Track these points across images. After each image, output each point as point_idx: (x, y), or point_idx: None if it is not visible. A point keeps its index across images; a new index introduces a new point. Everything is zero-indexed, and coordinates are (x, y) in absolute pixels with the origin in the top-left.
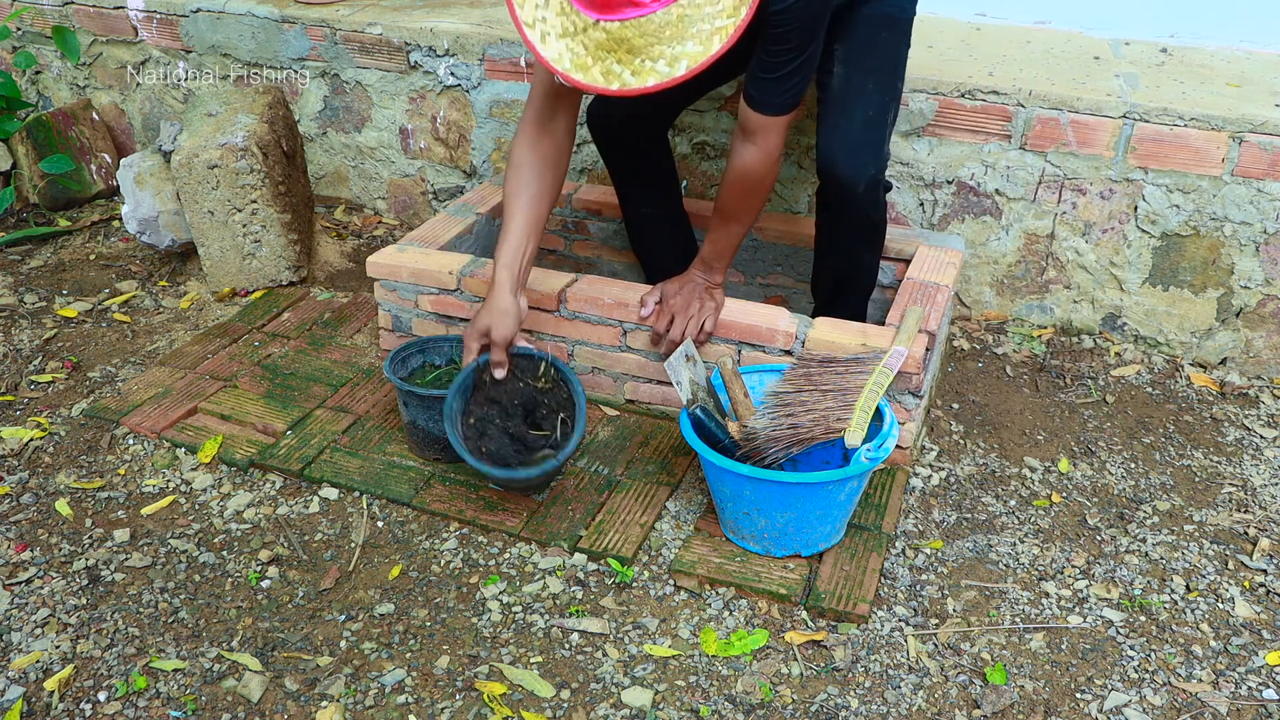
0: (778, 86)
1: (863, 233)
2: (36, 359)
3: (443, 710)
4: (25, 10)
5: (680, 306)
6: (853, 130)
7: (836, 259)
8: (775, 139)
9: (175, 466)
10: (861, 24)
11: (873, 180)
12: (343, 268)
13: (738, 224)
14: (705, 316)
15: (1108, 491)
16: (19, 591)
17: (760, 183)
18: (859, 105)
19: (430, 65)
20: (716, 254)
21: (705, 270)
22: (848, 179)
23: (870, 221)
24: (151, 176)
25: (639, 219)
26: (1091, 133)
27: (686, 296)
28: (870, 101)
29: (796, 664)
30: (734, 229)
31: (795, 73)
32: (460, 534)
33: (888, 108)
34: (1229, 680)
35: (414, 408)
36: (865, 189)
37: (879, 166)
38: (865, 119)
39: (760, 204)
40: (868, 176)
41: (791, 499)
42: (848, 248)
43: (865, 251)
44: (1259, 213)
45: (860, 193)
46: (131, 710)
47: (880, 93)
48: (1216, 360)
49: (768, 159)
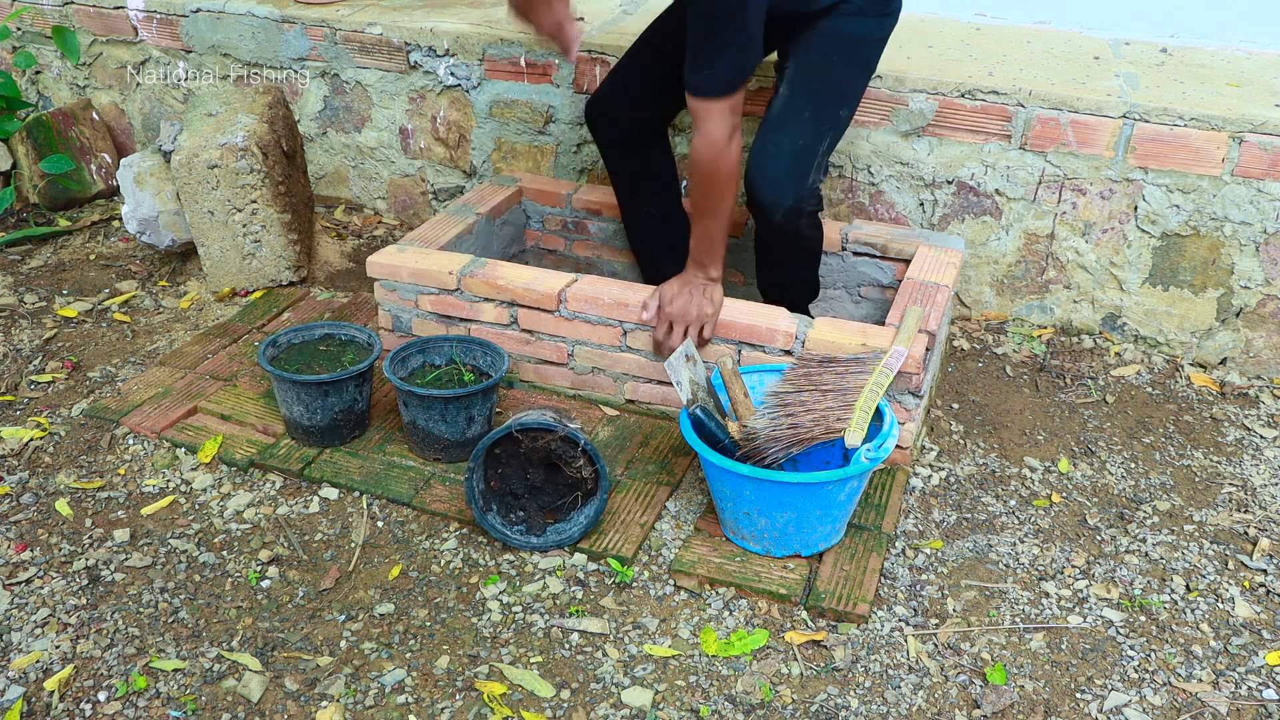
0: (703, 68)
1: (786, 252)
2: (36, 359)
3: (443, 710)
4: (25, 10)
5: (679, 312)
6: (779, 158)
7: (768, 269)
8: (716, 124)
9: (175, 466)
10: (817, 41)
11: (791, 210)
12: (343, 268)
13: (708, 217)
14: (704, 321)
15: (1108, 491)
16: (19, 591)
17: (711, 172)
18: (790, 132)
19: (430, 65)
20: (700, 250)
21: (699, 268)
22: (766, 205)
23: (792, 244)
24: (151, 176)
25: (638, 219)
26: (1091, 133)
27: (684, 301)
28: (804, 130)
29: (796, 664)
30: (706, 223)
31: (720, 55)
32: (460, 534)
33: (822, 137)
34: (1229, 680)
35: (414, 408)
36: (782, 217)
37: (799, 196)
38: (794, 148)
39: (721, 193)
40: (785, 206)
41: (791, 499)
42: (776, 262)
43: (792, 267)
44: (1259, 213)
45: (777, 220)
46: (131, 710)
47: (816, 122)
48: (1216, 360)
49: (710, 146)
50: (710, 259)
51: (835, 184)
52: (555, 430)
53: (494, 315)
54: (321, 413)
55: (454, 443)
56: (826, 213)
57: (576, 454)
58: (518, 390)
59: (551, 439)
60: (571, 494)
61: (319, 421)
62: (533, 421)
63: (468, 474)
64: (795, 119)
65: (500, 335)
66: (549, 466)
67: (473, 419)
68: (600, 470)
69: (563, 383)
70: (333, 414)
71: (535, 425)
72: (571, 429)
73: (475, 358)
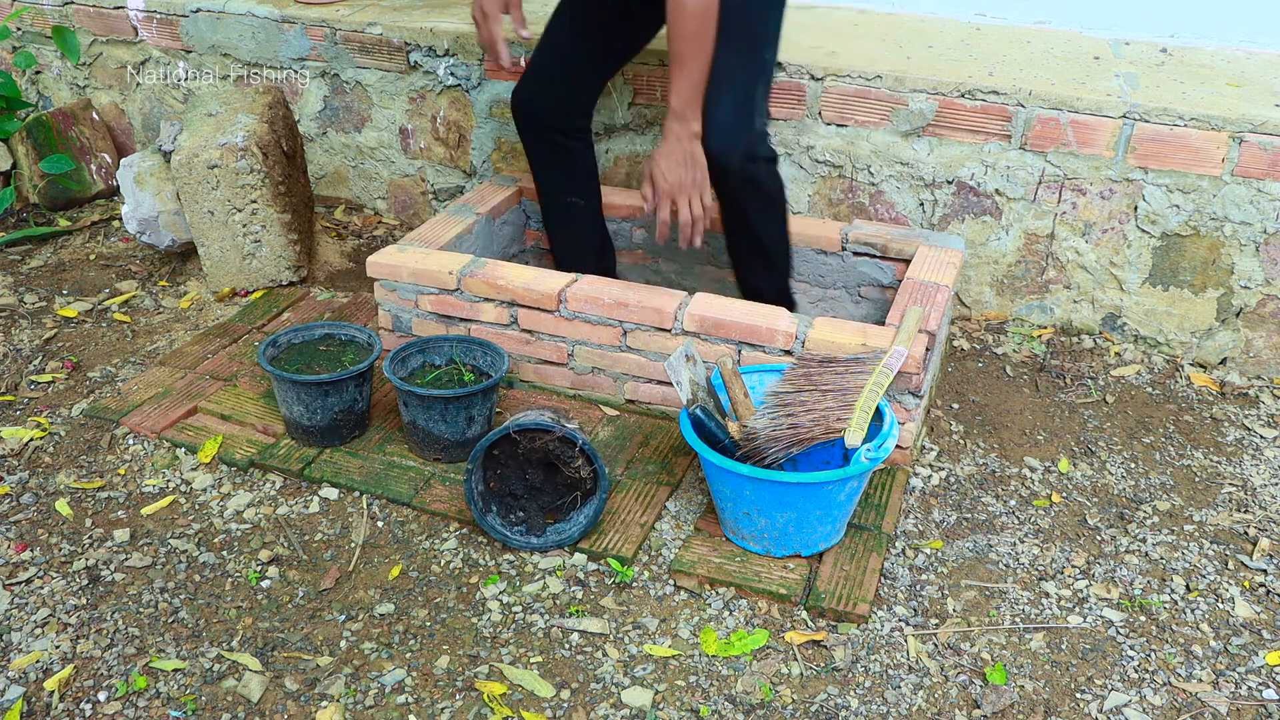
0: None
1: (753, 200)
2: (36, 359)
3: (443, 710)
4: (25, 10)
5: (676, 184)
6: (722, 114)
7: (741, 231)
8: None
9: (175, 466)
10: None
11: (745, 154)
12: (343, 268)
13: (691, 61)
14: (700, 188)
15: (1108, 491)
16: (19, 591)
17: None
18: (726, 88)
19: (430, 65)
20: (684, 102)
21: (680, 121)
22: (721, 153)
23: (758, 189)
24: (151, 176)
25: (562, 208)
26: (1091, 133)
27: (679, 172)
28: (736, 83)
29: (796, 664)
30: (689, 69)
31: None
32: (460, 534)
33: (755, 84)
34: (1229, 680)
35: (414, 408)
36: (738, 163)
37: (749, 141)
38: (733, 101)
39: (709, 34)
40: (738, 152)
41: (791, 499)
42: (750, 218)
43: (765, 219)
44: (1259, 213)
45: (735, 165)
46: (131, 710)
47: (745, 70)
48: (1216, 360)
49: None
50: (692, 109)
51: (835, 184)
52: (553, 430)
53: (494, 315)
54: (321, 413)
55: (454, 443)
56: (826, 212)
57: (575, 454)
58: (518, 390)
59: (549, 439)
60: (571, 494)
61: (319, 421)
62: (530, 422)
63: (466, 475)
64: (727, 77)
65: (500, 335)
66: (548, 467)
67: (473, 419)
68: (599, 470)
69: (563, 383)
70: (333, 414)
71: (533, 426)
72: (569, 429)
73: (475, 358)
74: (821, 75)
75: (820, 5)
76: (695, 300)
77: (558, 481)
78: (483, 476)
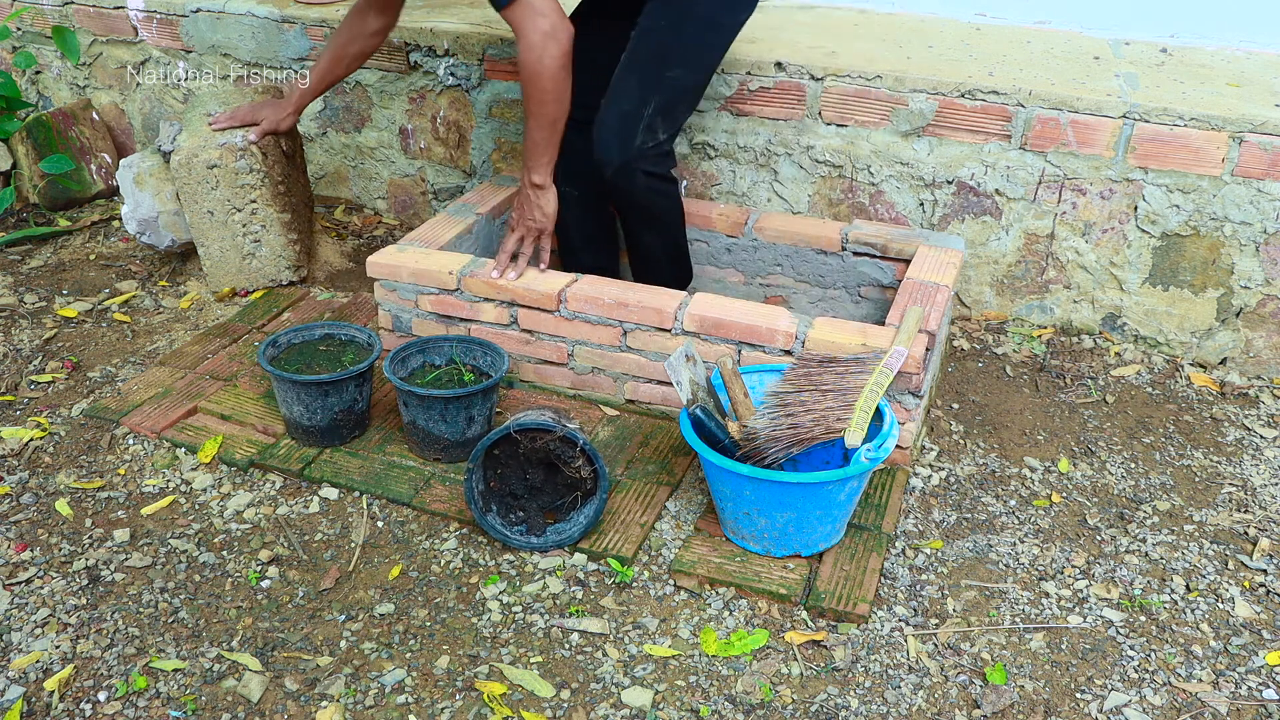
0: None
1: (630, 213)
2: (36, 359)
3: (443, 710)
4: (25, 10)
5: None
6: (609, 121)
7: (627, 239)
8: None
9: (175, 466)
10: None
11: (621, 168)
12: (343, 268)
13: (530, 120)
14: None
15: (1108, 491)
16: (19, 591)
17: (532, 75)
18: (617, 98)
19: (430, 65)
20: (526, 154)
21: (524, 173)
22: (599, 164)
23: (632, 203)
24: (151, 176)
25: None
26: (1091, 133)
27: (519, 213)
28: (629, 97)
29: (796, 664)
30: (529, 127)
31: None
32: (460, 534)
33: (646, 101)
34: (1229, 680)
35: (414, 408)
36: (614, 174)
37: (626, 157)
38: (620, 112)
39: (542, 97)
40: (614, 164)
41: (791, 499)
42: (628, 228)
43: (642, 231)
44: (1259, 213)
45: (609, 176)
46: (131, 710)
47: (641, 88)
48: (1216, 360)
49: (529, 49)
50: (533, 163)
51: (835, 184)
52: (553, 430)
53: (494, 315)
54: (321, 413)
55: (454, 443)
56: (826, 212)
57: (575, 454)
58: (518, 390)
59: (550, 439)
60: (571, 494)
61: (319, 421)
62: (531, 422)
63: (467, 475)
64: (621, 89)
65: (500, 335)
66: (548, 467)
67: (473, 419)
68: (599, 470)
69: (563, 383)
70: (333, 414)
71: (533, 425)
72: (570, 429)
73: (475, 358)
74: (821, 75)
75: (820, 5)
76: (695, 300)
77: (558, 481)
78: (483, 476)
